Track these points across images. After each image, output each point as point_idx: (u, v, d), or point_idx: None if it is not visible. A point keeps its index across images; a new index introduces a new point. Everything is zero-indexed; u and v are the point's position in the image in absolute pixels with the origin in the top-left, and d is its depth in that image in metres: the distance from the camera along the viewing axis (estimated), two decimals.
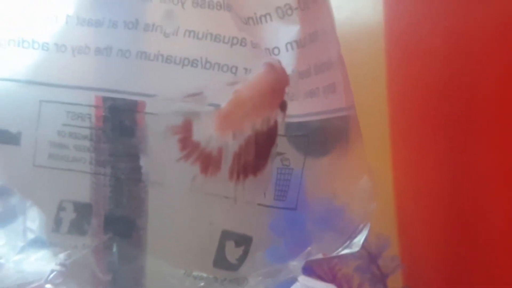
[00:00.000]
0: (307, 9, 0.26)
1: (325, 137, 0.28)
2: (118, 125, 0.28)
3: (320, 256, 0.27)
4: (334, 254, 0.28)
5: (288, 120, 0.27)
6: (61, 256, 0.27)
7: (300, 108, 0.28)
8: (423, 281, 0.40)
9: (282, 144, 0.27)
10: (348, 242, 0.28)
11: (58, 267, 0.26)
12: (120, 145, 0.28)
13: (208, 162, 0.26)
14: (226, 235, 0.28)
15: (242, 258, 0.28)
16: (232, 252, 0.28)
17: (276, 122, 0.26)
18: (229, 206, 0.27)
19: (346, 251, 0.28)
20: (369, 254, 0.38)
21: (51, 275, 0.26)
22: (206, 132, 0.26)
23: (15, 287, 0.26)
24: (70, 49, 0.28)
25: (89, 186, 0.29)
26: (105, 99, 0.28)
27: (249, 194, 0.26)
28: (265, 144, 0.26)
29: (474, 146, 0.33)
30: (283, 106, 0.26)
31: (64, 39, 0.28)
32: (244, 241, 0.28)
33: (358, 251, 0.29)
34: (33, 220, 0.30)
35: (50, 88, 0.29)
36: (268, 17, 0.27)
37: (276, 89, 0.25)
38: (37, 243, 0.29)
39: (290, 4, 0.26)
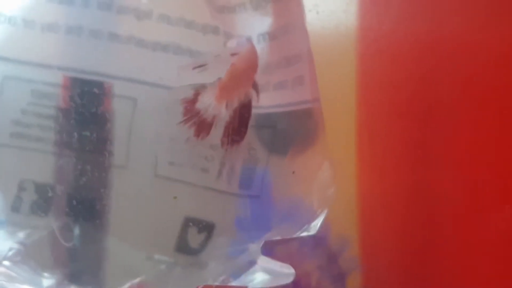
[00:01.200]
0: (280, 2, 0.27)
1: (290, 129, 0.28)
2: (83, 106, 0.28)
3: (278, 238, 0.28)
4: (294, 236, 0.28)
5: (256, 111, 0.28)
6: (21, 234, 0.26)
7: (269, 100, 0.28)
8: (382, 281, 0.40)
9: (248, 135, 0.28)
10: (306, 226, 0.28)
11: (16, 245, 0.26)
12: (85, 127, 0.28)
13: (202, 127, 0.27)
14: (189, 221, 0.28)
15: (204, 244, 0.28)
16: (194, 238, 0.28)
17: (251, 98, 0.27)
18: (193, 192, 0.27)
19: (304, 234, 0.28)
20: (330, 253, 0.38)
21: (10, 253, 0.25)
22: (207, 101, 0.27)
23: None
24: (39, 25, 0.28)
25: (52, 167, 0.29)
26: (72, 79, 0.28)
27: (234, 161, 0.28)
28: (246, 117, 0.27)
29: (440, 146, 0.34)
30: (255, 85, 0.27)
31: (33, 14, 0.28)
32: (206, 228, 0.28)
33: (318, 247, 0.29)
34: None
35: (15, 64, 0.28)
36: (242, 7, 0.27)
37: (255, 65, 0.26)
38: None
39: None
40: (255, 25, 0.27)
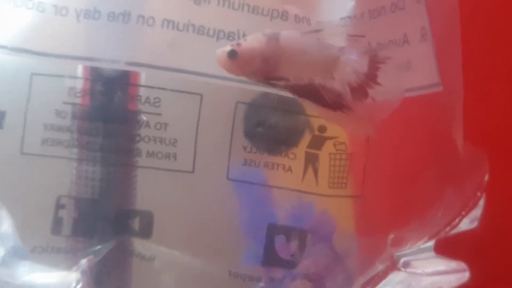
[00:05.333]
0: None
1: None
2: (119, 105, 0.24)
3: None
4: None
5: None
6: (84, 261, 0.22)
7: None
8: None
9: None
10: None
11: (81, 274, 0.21)
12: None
13: None
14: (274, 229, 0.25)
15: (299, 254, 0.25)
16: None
17: None
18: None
19: None
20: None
21: (79, 285, 0.21)
22: None
23: None
24: (73, 12, 0.24)
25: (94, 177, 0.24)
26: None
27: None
28: None
29: None
30: None
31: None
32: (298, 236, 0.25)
33: None
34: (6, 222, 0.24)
35: (45, 59, 0.24)
36: None
37: None
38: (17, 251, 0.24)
39: None
40: (337, 8, 0.24)
